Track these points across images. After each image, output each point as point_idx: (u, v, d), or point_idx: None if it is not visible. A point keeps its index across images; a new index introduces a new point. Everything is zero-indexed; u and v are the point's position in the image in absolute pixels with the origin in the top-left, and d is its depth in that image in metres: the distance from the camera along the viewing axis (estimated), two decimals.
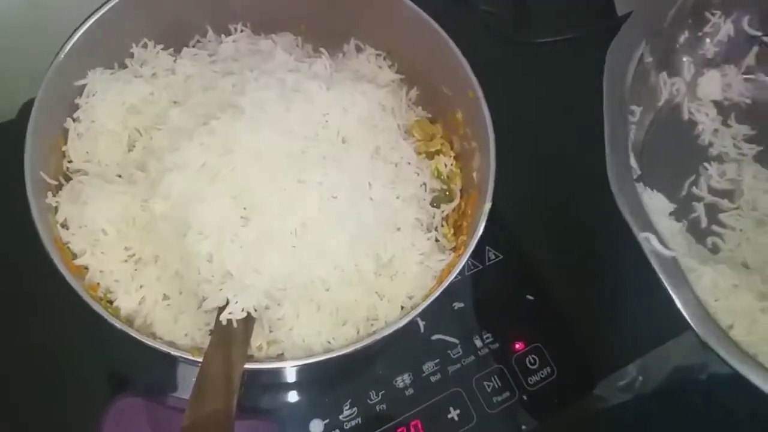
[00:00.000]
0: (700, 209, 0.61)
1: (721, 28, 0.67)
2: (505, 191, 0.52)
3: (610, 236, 0.65)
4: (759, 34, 0.68)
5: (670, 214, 0.59)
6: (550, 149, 0.68)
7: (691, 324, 0.48)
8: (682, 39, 0.66)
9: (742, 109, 0.67)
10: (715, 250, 0.59)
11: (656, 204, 0.58)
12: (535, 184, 0.66)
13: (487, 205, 0.51)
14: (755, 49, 0.68)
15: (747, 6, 0.67)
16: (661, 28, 0.61)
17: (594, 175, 0.66)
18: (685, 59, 0.67)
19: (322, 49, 0.60)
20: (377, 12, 0.58)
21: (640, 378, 0.61)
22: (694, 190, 0.62)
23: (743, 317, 0.51)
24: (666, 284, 0.48)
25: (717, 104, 0.67)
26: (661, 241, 0.50)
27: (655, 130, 0.64)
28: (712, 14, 0.66)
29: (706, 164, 0.63)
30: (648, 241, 0.50)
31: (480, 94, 0.54)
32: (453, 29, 0.56)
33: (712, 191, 0.62)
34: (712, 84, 0.67)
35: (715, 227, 0.60)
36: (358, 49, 0.62)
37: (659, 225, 0.53)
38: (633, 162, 0.56)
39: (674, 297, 0.48)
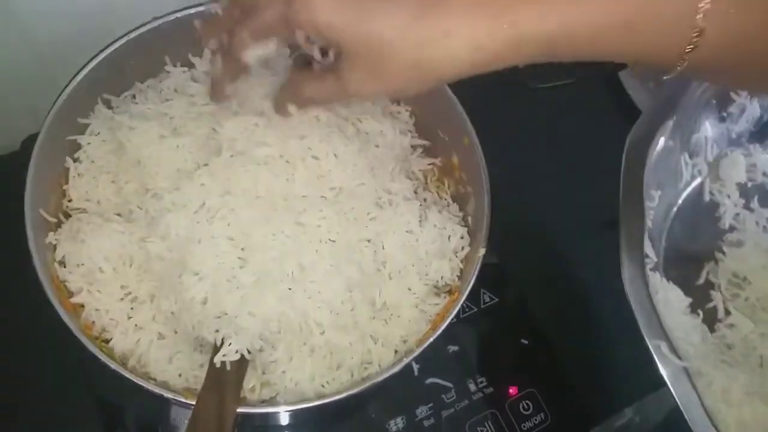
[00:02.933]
0: (717, 298, 0.59)
1: (747, 108, 0.65)
2: (501, 235, 0.53)
3: (605, 282, 0.66)
4: None
5: (687, 306, 0.57)
6: (547, 195, 0.68)
7: None
8: (705, 120, 0.64)
9: (766, 191, 0.66)
10: (731, 345, 0.57)
11: (672, 298, 0.56)
12: (531, 229, 0.67)
13: (482, 251, 0.52)
14: None
15: None
16: (686, 109, 0.60)
17: (590, 222, 0.68)
18: (708, 139, 0.65)
19: None
20: None
21: (637, 419, 0.61)
22: (711, 277, 0.61)
23: (756, 428, 0.50)
24: (676, 397, 0.48)
25: (740, 186, 0.65)
26: (672, 350, 0.48)
27: (675, 214, 0.63)
28: (738, 94, 0.64)
29: (725, 249, 0.62)
30: (659, 348, 0.49)
31: (476, 141, 0.55)
32: None
33: (731, 280, 0.60)
34: (736, 165, 0.66)
35: (731, 319, 0.58)
36: None
37: (674, 320, 0.53)
38: (649, 250, 0.54)
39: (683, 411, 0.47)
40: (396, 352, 0.53)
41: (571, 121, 0.73)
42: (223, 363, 0.46)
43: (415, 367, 0.59)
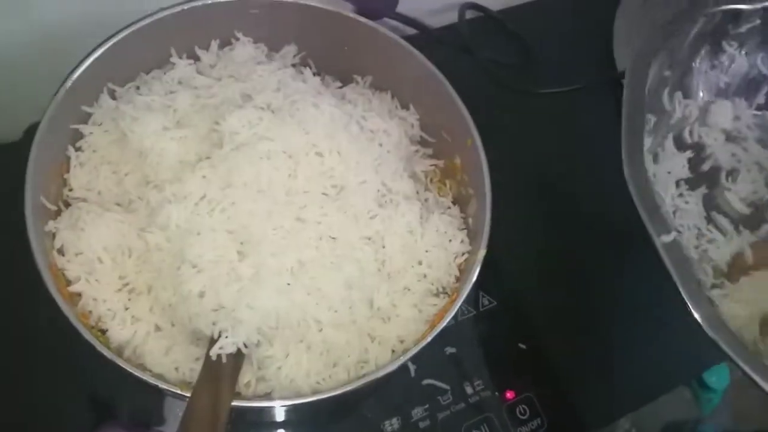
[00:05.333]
0: None
1: (736, 60, 0.68)
2: (501, 238, 0.53)
3: (605, 288, 0.66)
4: None
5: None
6: (548, 198, 0.68)
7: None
8: (698, 63, 0.67)
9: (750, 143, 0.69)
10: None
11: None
12: (531, 232, 0.67)
13: (482, 252, 0.52)
14: (766, 88, 0.70)
15: (763, 43, 0.68)
16: (682, 46, 0.63)
17: (591, 225, 0.67)
18: (698, 84, 0.68)
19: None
20: (381, 56, 0.59)
21: (634, 431, 0.61)
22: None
23: None
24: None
25: (726, 132, 0.69)
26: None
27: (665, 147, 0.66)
28: (729, 45, 0.67)
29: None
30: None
31: (479, 143, 0.55)
32: (455, 76, 0.57)
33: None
34: (723, 113, 0.69)
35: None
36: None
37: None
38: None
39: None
40: (393, 351, 0.52)
41: (574, 127, 0.74)
42: (219, 356, 0.46)
43: (412, 368, 0.59)
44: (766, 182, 0.67)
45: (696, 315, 0.48)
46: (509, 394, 0.60)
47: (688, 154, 0.66)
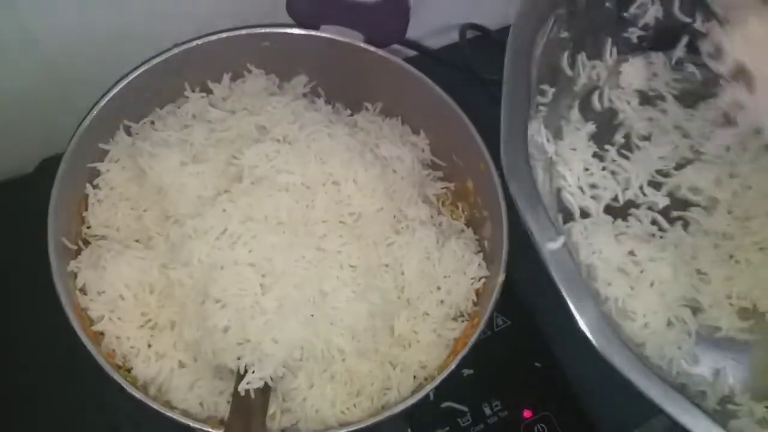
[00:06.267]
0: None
1: (649, 9, 0.59)
2: (513, 257, 0.53)
3: None
4: (689, 21, 0.60)
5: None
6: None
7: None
8: (603, 16, 0.58)
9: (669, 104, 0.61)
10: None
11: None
12: None
13: (501, 277, 0.52)
14: (685, 38, 0.61)
15: None
16: (580, 4, 0.55)
17: None
18: (605, 41, 0.59)
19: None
20: (390, 83, 0.59)
21: None
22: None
23: None
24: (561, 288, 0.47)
25: (641, 93, 0.61)
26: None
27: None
28: None
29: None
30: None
31: (492, 166, 0.55)
32: (459, 97, 0.58)
33: None
34: (637, 72, 0.61)
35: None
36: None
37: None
38: (544, 137, 0.53)
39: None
40: (415, 377, 0.53)
41: None
42: (247, 391, 0.46)
43: (431, 391, 0.59)
44: (690, 147, 0.59)
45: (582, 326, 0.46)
46: (527, 413, 0.60)
47: (594, 125, 0.58)
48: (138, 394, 0.44)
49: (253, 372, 0.47)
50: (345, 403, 0.51)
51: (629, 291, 0.53)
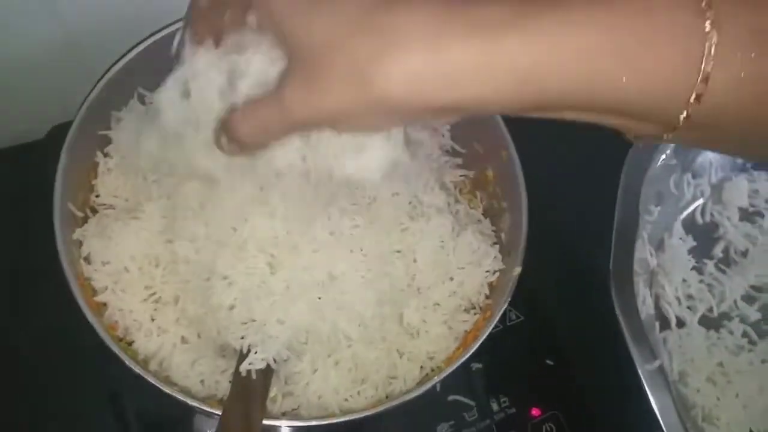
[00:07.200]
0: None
1: None
2: (531, 252, 0.52)
3: None
4: None
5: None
6: (580, 214, 0.67)
7: None
8: None
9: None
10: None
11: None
12: (561, 247, 0.65)
13: (517, 270, 0.51)
14: None
15: None
16: None
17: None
18: (711, 163, 0.65)
19: None
20: None
21: None
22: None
23: None
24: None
25: (741, 210, 0.66)
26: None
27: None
28: None
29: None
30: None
31: (515, 155, 0.54)
32: None
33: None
34: (739, 189, 0.66)
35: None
36: None
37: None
38: (648, 253, 0.59)
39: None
40: (422, 368, 0.52)
41: (606, 142, 0.72)
42: (248, 372, 0.45)
43: (437, 383, 0.58)
44: None
45: None
46: (535, 412, 0.59)
47: (694, 240, 0.64)
48: (137, 369, 0.43)
49: (256, 353, 0.46)
50: (349, 390, 0.49)
51: (716, 401, 0.56)
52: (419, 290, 0.53)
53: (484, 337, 0.48)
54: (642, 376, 0.51)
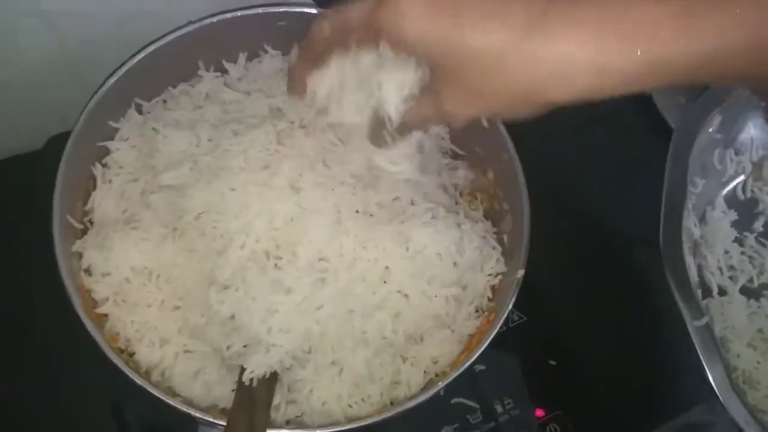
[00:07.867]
0: None
1: None
2: (533, 253, 0.51)
3: (638, 305, 0.64)
4: None
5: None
6: (580, 213, 0.67)
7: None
8: (751, 122, 0.66)
9: None
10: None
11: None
12: (563, 247, 0.65)
13: (520, 273, 0.50)
14: None
15: None
16: (733, 108, 0.63)
17: (624, 242, 0.66)
18: (753, 140, 0.67)
19: None
20: None
21: None
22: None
23: None
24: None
25: None
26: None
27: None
28: None
29: None
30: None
31: (516, 158, 0.53)
32: None
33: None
34: None
35: None
36: None
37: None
38: (692, 222, 0.60)
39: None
40: (425, 372, 0.51)
41: (610, 140, 0.72)
42: (252, 381, 0.45)
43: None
44: None
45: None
46: (539, 413, 0.58)
47: (736, 213, 0.65)
48: (139, 380, 0.43)
49: (259, 362, 0.46)
50: (353, 397, 0.49)
51: (756, 365, 0.58)
52: (421, 294, 0.52)
53: (489, 340, 0.48)
54: (690, 332, 0.52)
